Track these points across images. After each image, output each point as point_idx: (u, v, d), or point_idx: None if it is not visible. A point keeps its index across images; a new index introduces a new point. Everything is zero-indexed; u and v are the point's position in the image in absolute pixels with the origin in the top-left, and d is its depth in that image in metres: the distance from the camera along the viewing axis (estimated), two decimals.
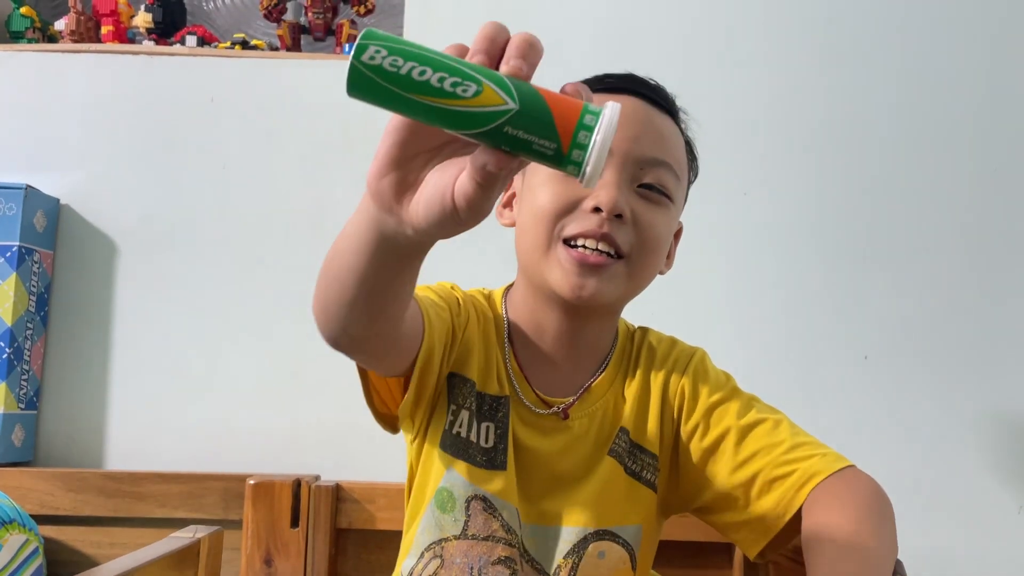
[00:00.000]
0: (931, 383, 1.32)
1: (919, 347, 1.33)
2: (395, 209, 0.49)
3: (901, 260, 1.35)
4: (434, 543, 0.80)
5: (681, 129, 0.83)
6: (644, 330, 0.88)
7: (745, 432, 0.78)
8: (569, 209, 0.75)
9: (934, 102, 1.37)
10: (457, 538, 0.78)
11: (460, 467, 0.78)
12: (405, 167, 0.48)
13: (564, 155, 0.42)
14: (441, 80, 0.42)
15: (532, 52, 0.45)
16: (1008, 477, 1.30)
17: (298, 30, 1.62)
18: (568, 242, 0.75)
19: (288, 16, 1.65)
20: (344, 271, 0.58)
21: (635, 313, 0.87)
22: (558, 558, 0.78)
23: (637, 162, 0.76)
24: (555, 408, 0.80)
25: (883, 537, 0.67)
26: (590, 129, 0.42)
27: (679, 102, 0.85)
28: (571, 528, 0.78)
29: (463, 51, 0.45)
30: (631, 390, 0.82)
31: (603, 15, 1.41)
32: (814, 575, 0.65)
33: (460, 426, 0.79)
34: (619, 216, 0.74)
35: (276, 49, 1.59)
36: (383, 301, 0.59)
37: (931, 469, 1.30)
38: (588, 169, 0.42)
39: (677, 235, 0.85)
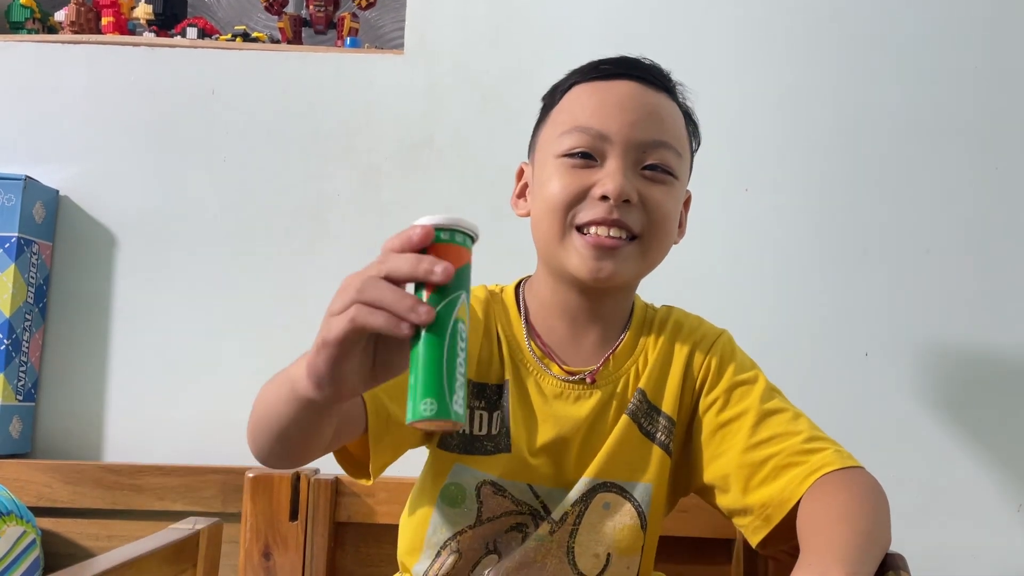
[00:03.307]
0: (931, 380, 1.32)
1: (920, 345, 1.33)
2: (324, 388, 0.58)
3: (902, 257, 1.35)
4: (449, 539, 0.82)
5: (679, 102, 0.86)
6: (670, 308, 0.91)
7: (765, 416, 0.79)
8: (580, 198, 0.79)
9: (937, 99, 1.37)
10: (472, 527, 0.82)
11: (468, 461, 0.82)
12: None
13: None
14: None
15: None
16: (1008, 475, 1.30)
17: (299, 23, 1.62)
18: (581, 229, 0.79)
19: (289, 9, 1.64)
20: (270, 424, 0.66)
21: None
22: (567, 506, 0.81)
23: (639, 146, 0.80)
24: (580, 376, 0.83)
25: (878, 518, 0.68)
26: None
27: (684, 93, 0.87)
28: (581, 479, 0.81)
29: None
30: (653, 354, 0.85)
31: (607, 8, 1.40)
32: (806, 544, 0.66)
33: (465, 425, 0.83)
34: (627, 201, 0.78)
35: (277, 42, 1.59)
36: (303, 448, 0.68)
37: (930, 466, 1.30)
38: None
39: (687, 204, 0.89)
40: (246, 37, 1.51)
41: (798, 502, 0.73)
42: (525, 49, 1.39)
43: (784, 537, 0.76)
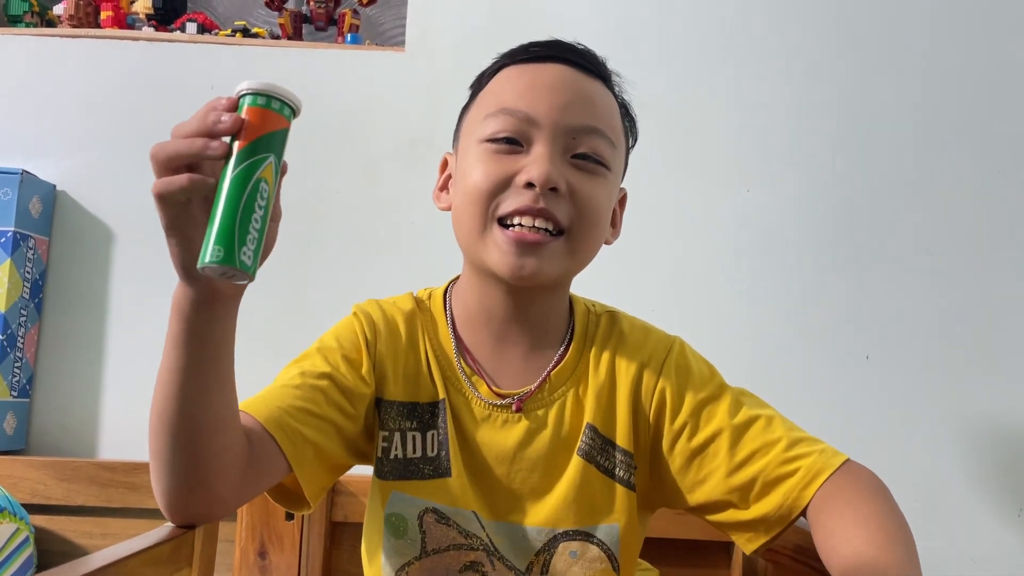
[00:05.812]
0: (933, 384, 1.31)
1: (921, 348, 1.32)
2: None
3: (904, 260, 1.34)
4: (399, 570, 0.78)
5: (615, 93, 0.80)
6: (613, 314, 0.83)
7: (740, 432, 0.74)
8: (503, 186, 0.73)
9: (939, 101, 1.37)
10: (418, 559, 0.76)
11: (405, 487, 0.77)
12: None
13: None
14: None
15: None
16: (1008, 480, 1.29)
17: (300, 19, 1.61)
18: (504, 221, 0.73)
19: (290, 5, 1.63)
20: (168, 412, 0.65)
21: (635, 313, 0.86)
22: (530, 555, 0.76)
23: (569, 131, 0.73)
24: (508, 400, 0.77)
25: (896, 514, 0.67)
26: None
27: (621, 84, 0.81)
28: (540, 528, 0.76)
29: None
30: (596, 379, 0.78)
31: (605, 8, 1.40)
32: (853, 567, 0.63)
33: (397, 449, 0.77)
34: (554, 190, 0.72)
35: (277, 38, 1.58)
36: (211, 442, 0.64)
37: (931, 470, 1.29)
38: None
39: (622, 202, 0.82)
40: (246, 33, 1.50)
41: (800, 512, 0.71)
42: None
43: (777, 540, 0.74)
